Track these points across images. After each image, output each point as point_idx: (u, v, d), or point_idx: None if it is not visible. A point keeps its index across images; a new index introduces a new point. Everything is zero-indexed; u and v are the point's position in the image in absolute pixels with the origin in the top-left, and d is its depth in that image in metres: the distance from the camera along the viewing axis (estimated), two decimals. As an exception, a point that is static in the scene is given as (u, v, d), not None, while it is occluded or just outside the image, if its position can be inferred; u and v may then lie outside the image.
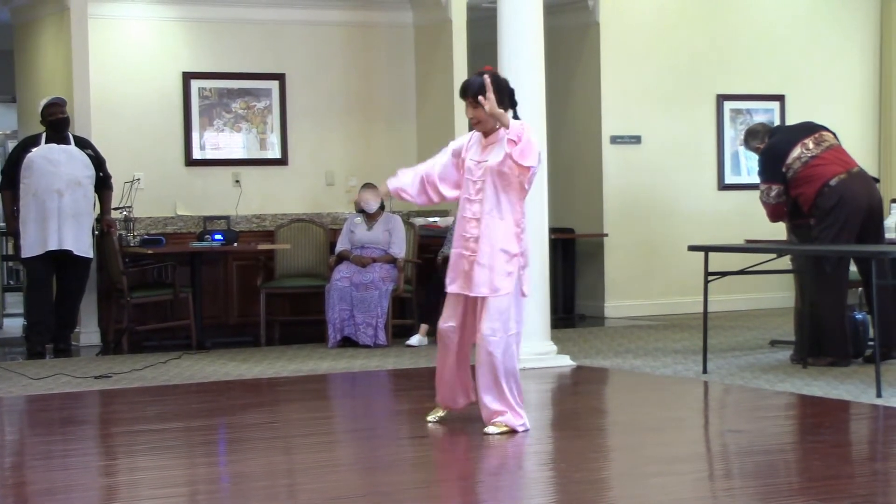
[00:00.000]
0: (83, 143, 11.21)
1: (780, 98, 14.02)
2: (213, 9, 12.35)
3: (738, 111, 13.90)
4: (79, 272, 11.18)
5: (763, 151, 9.88)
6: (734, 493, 5.99)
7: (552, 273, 10.71)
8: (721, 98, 13.81)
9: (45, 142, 11.08)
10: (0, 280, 13.82)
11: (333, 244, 11.77)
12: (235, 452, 7.17)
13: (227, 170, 12.40)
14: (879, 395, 8.15)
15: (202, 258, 11.51)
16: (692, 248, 9.80)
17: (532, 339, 9.24)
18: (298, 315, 12.14)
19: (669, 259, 13.29)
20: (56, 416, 8.35)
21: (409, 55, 13.00)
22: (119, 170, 11.52)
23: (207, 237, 11.56)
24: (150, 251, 11.22)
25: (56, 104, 11.13)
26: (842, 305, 9.61)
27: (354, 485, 6.28)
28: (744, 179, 13.70)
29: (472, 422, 7.36)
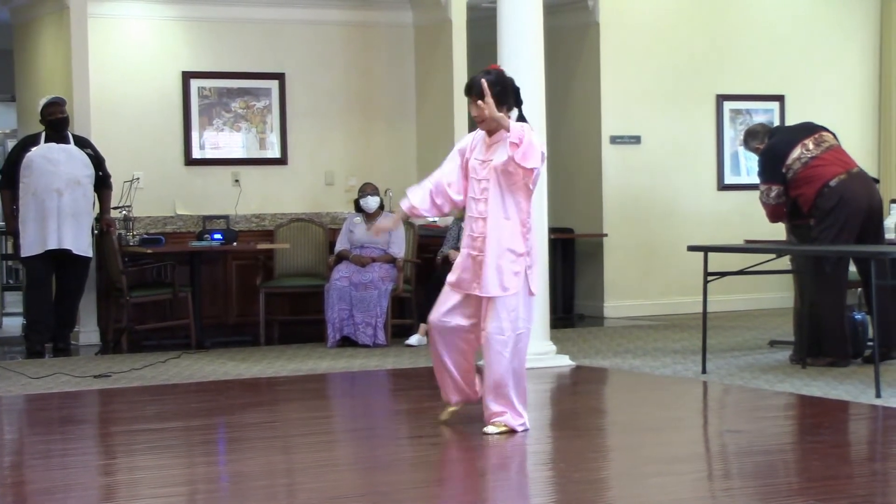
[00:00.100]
0: (83, 143, 11.20)
1: (780, 98, 14.01)
2: (213, 8, 12.34)
3: (738, 111, 13.89)
4: (78, 271, 11.17)
5: (763, 152, 9.87)
6: (733, 494, 5.98)
7: (551, 273, 10.72)
8: (721, 98, 13.80)
9: (45, 141, 11.07)
10: (-1, 279, 13.83)
11: (333, 244, 11.77)
12: (234, 452, 7.17)
13: (227, 169, 12.40)
14: (879, 396, 8.15)
15: (201, 258, 11.51)
16: (691, 249, 9.79)
17: (531, 339, 9.12)
18: (298, 315, 12.14)
19: (669, 259, 13.28)
20: (55, 416, 8.35)
21: (409, 55, 12.99)
22: (118, 169, 11.52)
23: (207, 237, 11.56)
24: (150, 250, 11.22)
25: (55, 104, 11.11)
26: (841, 306, 9.61)
27: (353, 484, 6.27)
28: (743, 180, 13.69)
29: (472, 422, 7.36)
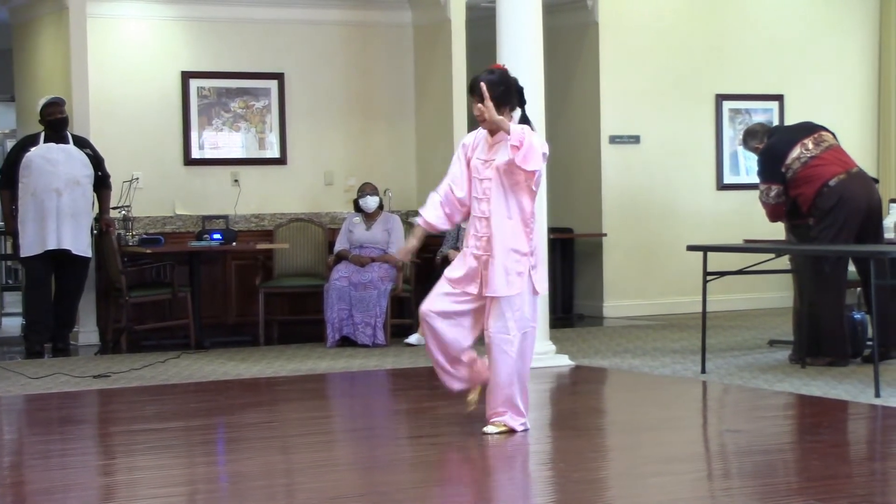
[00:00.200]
0: (82, 143, 11.20)
1: (779, 98, 14.01)
2: (212, 8, 12.34)
3: (737, 111, 13.89)
4: (77, 271, 11.17)
5: (762, 151, 9.87)
6: (732, 493, 5.98)
7: (551, 273, 10.72)
8: (720, 98, 13.80)
9: (44, 141, 11.07)
10: (-2, 279, 13.84)
11: (332, 244, 11.77)
12: (234, 452, 7.17)
13: (226, 169, 12.39)
14: (878, 395, 8.15)
15: (201, 258, 11.51)
16: (691, 248, 9.80)
17: (531, 339, 9.23)
18: (297, 314, 12.13)
19: (668, 259, 13.28)
20: (54, 416, 8.35)
21: (408, 55, 12.98)
22: (118, 169, 11.51)
23: (206, 237, 11.56)
24: (149, 250, 11.22)
25: (55, 104, 11.11)
26: (840, 305, 9.61)
27: (353, 484, 6.27)
28: (742, 179, 13.70)
29: (471, 421, 7.36)
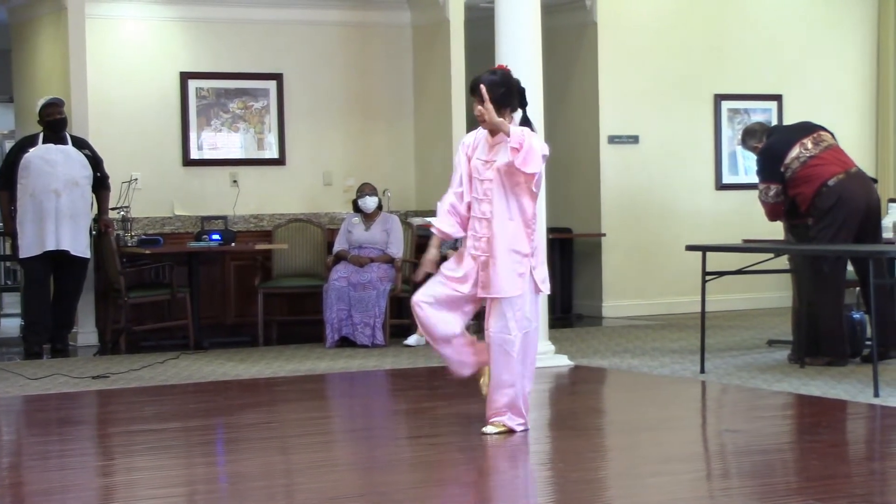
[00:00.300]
0: (80, 144, 11.19)
1: (778, 98, 14.01)
2: (211, 8, 12.33)
3: (736, 111, 13.89)
4: (76, 272, 11.16)
5: (761, 151, 9.87)
6: (731, 493, 5.99)
7: (550, 273, 10.68)
8: (718, 98, 13.80)
9: (43, 142, 11.06)
10: (-3, 280, 13.83)
11: (331, 244, 11.77)
12: (233, 452, 7.17)
13: (225, 170, 12.39)
14: (877, 395, 8.15)
15: (200, 258, 11.50)
16: (690, 248, 9.79)
17: (531, 339, 9.23)
18: (296, 315, 12.13)
19: (667, 259, 13.28)
20: (53, 417, 8.35)
21: (407, 55, 12.98)
22: (116, 170, 11.50)
23: (205, 237, 11.55)
24: (148, 251, 11.22)
25: (54, 104, 11.11)
26: (839, 305, 9.60)
27: (352, 485, 6.27)
28: (741, 179, 13.70)
29: (471, 422, 7.36)
